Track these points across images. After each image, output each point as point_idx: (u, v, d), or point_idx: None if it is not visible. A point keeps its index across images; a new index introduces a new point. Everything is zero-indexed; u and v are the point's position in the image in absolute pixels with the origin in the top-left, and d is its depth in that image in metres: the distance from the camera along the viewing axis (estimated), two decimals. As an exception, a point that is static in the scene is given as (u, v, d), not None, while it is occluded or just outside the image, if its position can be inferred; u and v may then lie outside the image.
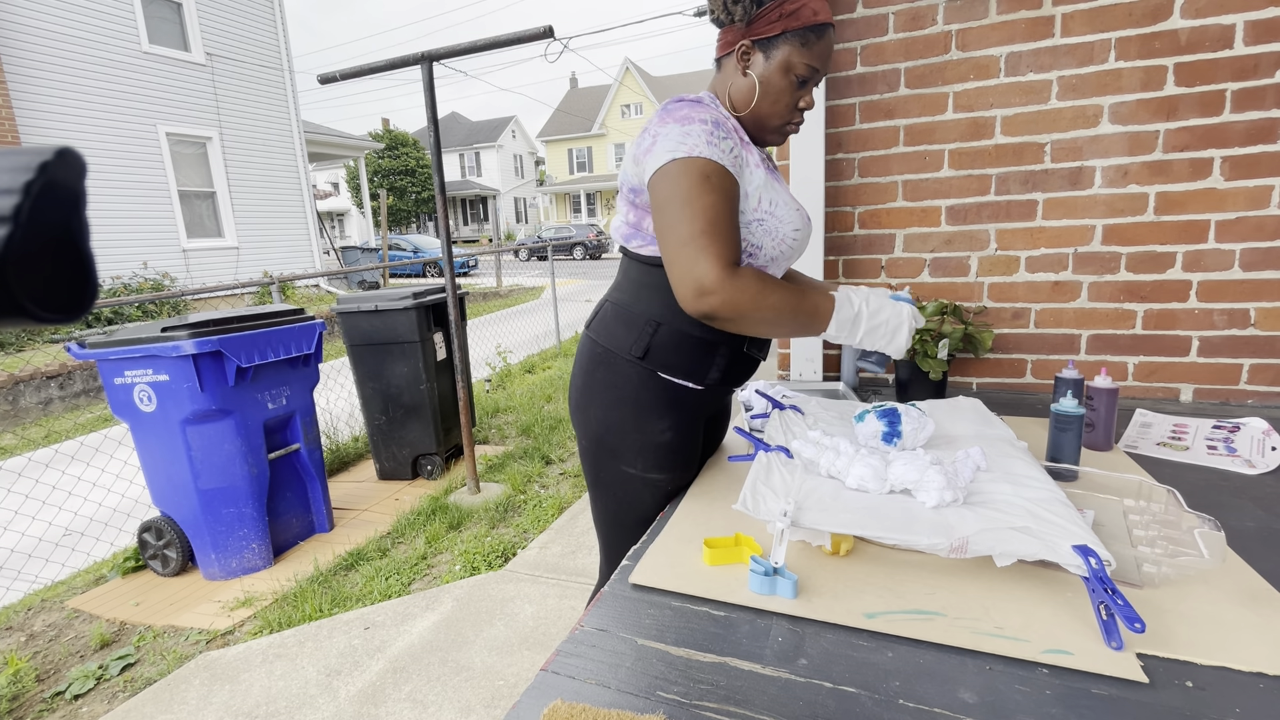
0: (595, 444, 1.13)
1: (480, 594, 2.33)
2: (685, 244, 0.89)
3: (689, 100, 0.99)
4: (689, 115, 0.94)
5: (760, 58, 0.99)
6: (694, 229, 0.89)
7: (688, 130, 0.92)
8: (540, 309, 9.49)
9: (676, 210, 0.90)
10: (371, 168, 28.76)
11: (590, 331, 1.14)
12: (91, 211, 0.27)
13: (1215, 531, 0.78)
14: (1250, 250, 1.54)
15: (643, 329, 1.06)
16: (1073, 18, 1.57)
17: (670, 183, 0.91)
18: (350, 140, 13.71)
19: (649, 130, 0.97)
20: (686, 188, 0.90)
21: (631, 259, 1.08)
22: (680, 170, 0.90)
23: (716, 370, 1.08)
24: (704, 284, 0.88)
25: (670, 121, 0.94)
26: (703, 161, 0.90)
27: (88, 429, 4.97)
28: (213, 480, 2.45)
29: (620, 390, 1.08)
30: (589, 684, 0.67)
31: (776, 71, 0.98)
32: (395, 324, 3.29)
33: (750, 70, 1.00)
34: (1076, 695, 0.62)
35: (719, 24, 1.02)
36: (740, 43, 0.99)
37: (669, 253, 0.92)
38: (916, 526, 0.82)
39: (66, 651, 2.19)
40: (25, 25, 7.66)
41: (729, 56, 1.02)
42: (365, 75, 3.05)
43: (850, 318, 0.96)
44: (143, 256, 8.69)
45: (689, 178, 0.90)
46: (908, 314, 0.99)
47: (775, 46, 0.97)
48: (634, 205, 1.04)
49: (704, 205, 0.89)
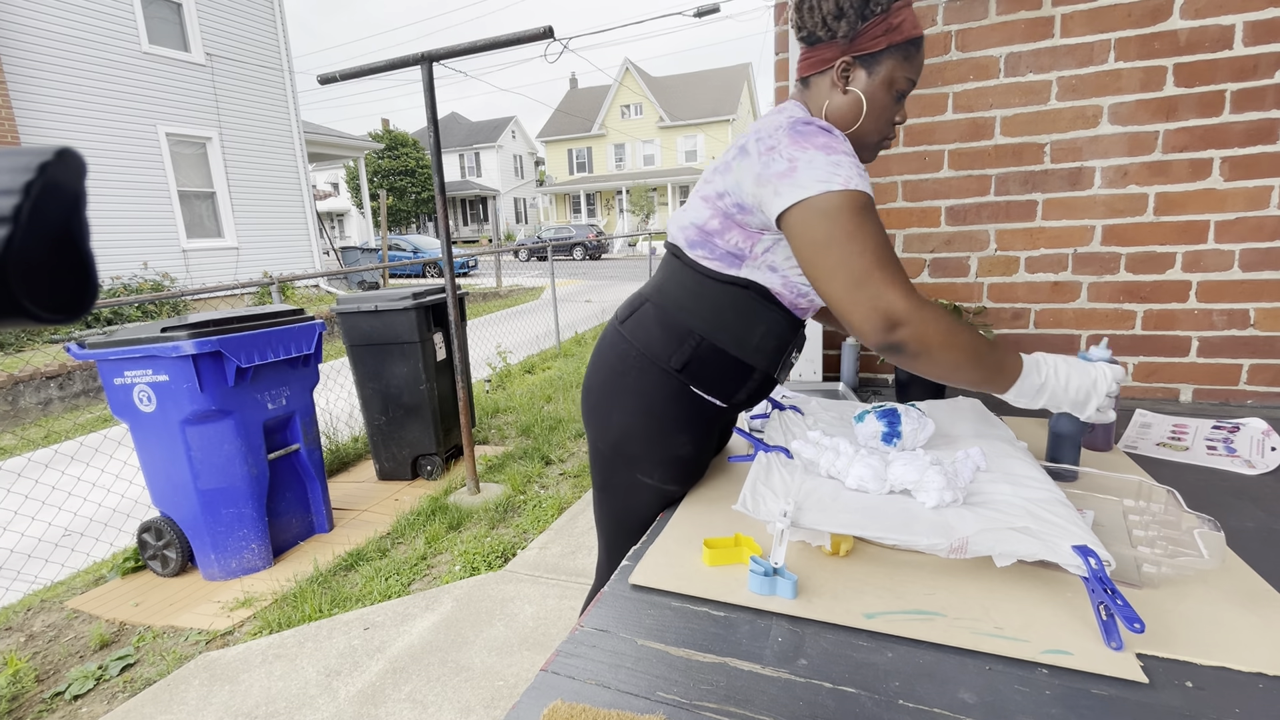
0: (612, 449, 1.11)
1: (480, 594, 2.33)
2: (864, 279, 0.84)
3: (821, 126, 0.93)
4: (830, 145, 0.89)
5: (863, 74, 0.96)
6: (869, 263, 0.84)
7: (836, 161, 0.87)
8: (540, 309, 9.49)
9: (843, 247, 0.85)
10: (371, 168, 28.76)
11: (624, 329, 1.09)
12: (91, 212, 0.27)
13: (1215, 532, 0.78)
14: (1250, 251, 1.54)
15: (685, 340, 1.02)
16: (1072, 18, 1.57)
17: (828, 219, 0.86)
18: (350, 140, 13.71)
19: (778, 151, 0.89)
20: (853, 223, 0.85)
21: (687, 266, 1.04)
22: (841, 205, 0.85)
23: (745, 392, 1.07)
24: (895, 314, 0.83)
25: (810, 148, 0.88)
26: (859, 194, 0.86)
27: (87, 429, 4.97)
28: (212, 480, 2.45)
29: (649, 399, 1.05)
30: (589, 684, 0.67)
31: (880, 87, 0.96)
32: (395, 324, 3.29)
33: (852, 87, 0.97)
34: (1076, 695, 0.62)
35: (811, 41, 0.98)
36: (840, 59, 0.96)
37: (842, 291, 0.86)
38: (916, 527, 0.82)
39: (66, 652, 2.19)
40: (25, 25, 7.66)
41: (822, 74, 0.99)
42: (365, 75, 3.05)
43: (1035, 386, 0.90)
44: (142, 257, 8.70)
45: (852, 213, 0.85)
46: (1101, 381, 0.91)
47: (879, 62, 0.95)
48: (725, 215, 0.98)
49: (875, 240, 0.85)
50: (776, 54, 1.83)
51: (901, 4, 0.94)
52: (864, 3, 0.93)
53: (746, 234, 0.97)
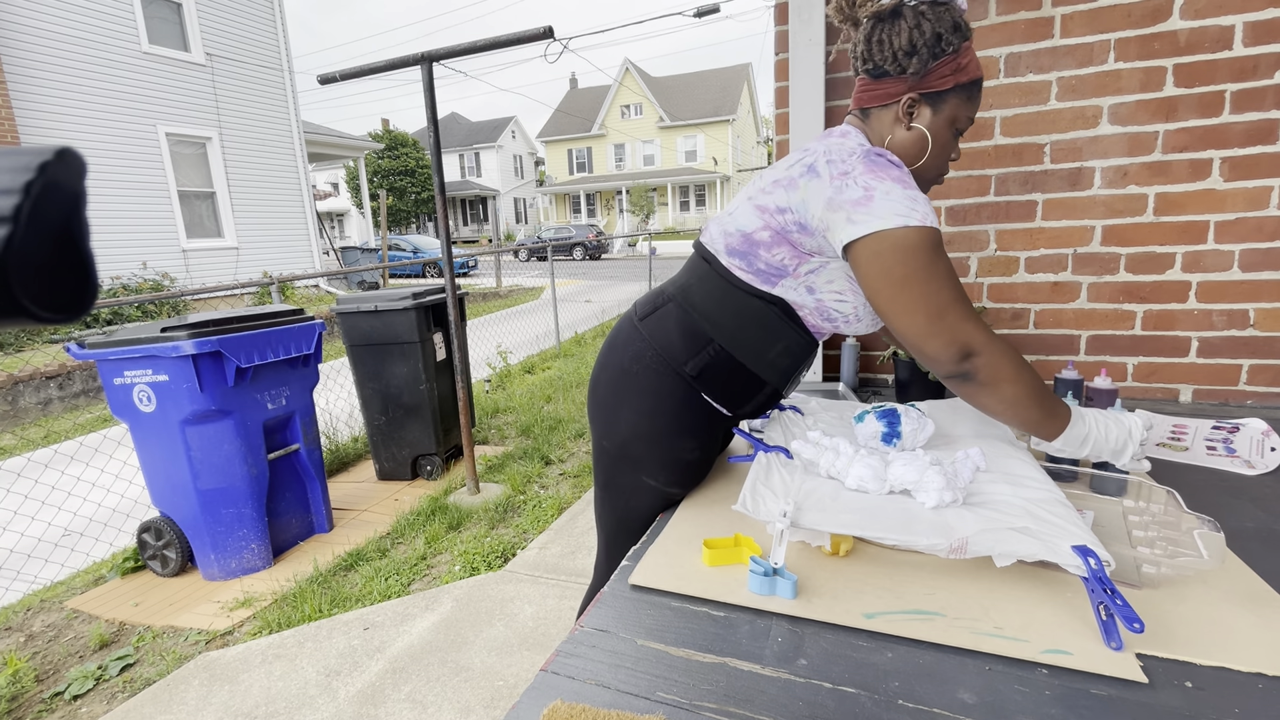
0: (618, 449, 1.11)
1: (480, 594, 2.33)
2: (944, 313, 0.88)
3: (894, 161, 0.94)
4: (905, 179, 0.90)
5: (928, 111, 0.96)
6: (947, 299, 0.88)
7: (914, 197, 0.88)
8: (540, 309, 9.49)
9: (924, 283, 0.88)
10: (371, 168, 28.76)
11: (642, 326, 1.08)
12: (91, 211, 0.27)
13: (1214, 532, 0.78)
14: (1249, 251, 1.54)
15: (704, 347, 1.02)
16: (1072, 19, 1.57)
17: (910, 255, 0.87)
18: (350, 140, 13.71)
19: (852, 177, 0.89)
20: (929, 259, 0.88)
21: (718, 273, 1.03)
22: (921, 242, 0.87)
23: (753, 404, 1.08)
24: (972, 346, 0.88)
25: (887, 179, 0.89)
26: (935, 231, 0.88)
27: (87, 429, 4.97)
28: (212, 480, 2.45)
29: (661, 402, 1.05)
30: (589, 684, 0.67)
31: (944, 126, 0.97)
32: (395, 324, 3.29)
33: (917, 124, 0.97)
34: (1076, 695, 0.62)
35: (876, 74, 0.98)
36: (907, 95, 0.96)
37: (922, 322, 0.89)
38: (916, 527, 0.82)
39: (66, 652, 2.19)
40: (25, 25, 7.66)
41: (885, 108, 0.99)
42: (365, 75, 3.05)
43: (1081, 436, 0.94)
44: (142, 257, 8.70)
45: (930, 249, 0.88)
46: (1136, 431, 0.96)
47: (944, 100, 0.95)
48: (780, 231, 0.96)
49: (951, 277, 0.89)
50: (776, 54, 1.83)
51: (969, 44, 0.95)
52: (936, 40, 0.93)
53: (796, 253, 0.97)
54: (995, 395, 0.90)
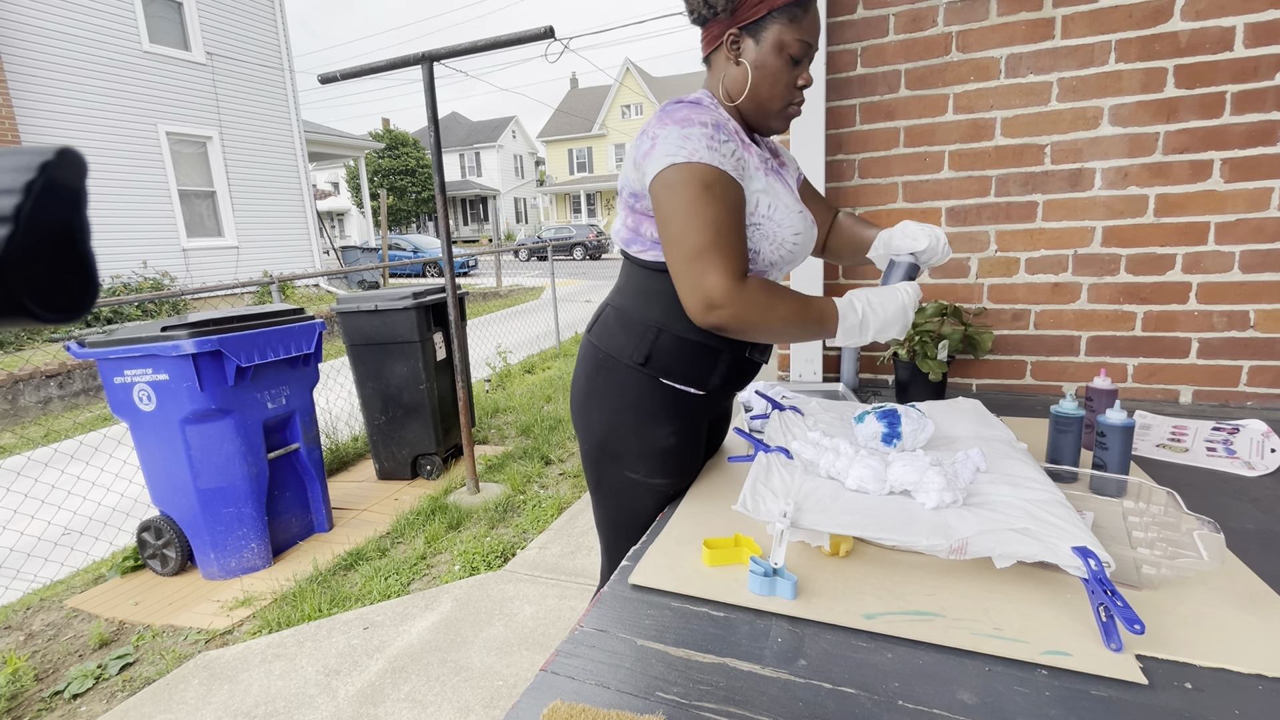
0: (597, 449, 1.13)
1: (479, 594, 2.33)
2: (693, 258, 0.89)
3: (688, 101, 0.97)
4: (688, 117, 0.92)
5: (751, 43, 0.97)
6: (700, 241, 0.88)
7: (687, 134, 0.90)
8: (540, 309, 9.49)
9: (681, 222, 0.89)
10: (371, 167, 28.76)
11: (591, 336, 1.13)
12: (92, 211, 0.27)
13: (1214, 533, 0.78)
14: (1250, 252, 1.54)
15: (644, 335, 1.05)
16: (1073, 20, 1.57)
17: (673, 192, 0.90)
18: (350, 140, 13.71)
19: (647, 132, 0.95)
20: (691, 197, 0.88)
21: (632, 263, 1.07)
22: (683, 178, 0.89)
23: (718, 376, 1.07)
24: (713, 298, 0.88)
25: (669, 123, 0.92)
26: (704, 168, 0.89)
27: (87, 428, 4.97)
28: (212, 480, 2.45)
29: (622, 396, 1.08)
30: (589, 684, 0.67)
31: (770, 53, 0.97)
32: (395, 324, 3.29)
33: (743, 58, 0.98)
34: (1075, 696, 0.62)
35: (701, 22, 1.00)
36: (728, 32, 0.98)
37: (675, 266, 0.91)
38: (916, 528, 0.82)
39: (65, 651, 2.19)
40: (26, 25, 7.66)
41: (717, 50, 1.01)
42: (365, 75, 3.05)
43: (856, 324, 0.96)
44: (142, 256, 8.69)
45: (692, 187, 0.89)
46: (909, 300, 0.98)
47: (764, 28, 0.96)
48: (633, 210, 1.02)
49: (709, 216, 0.88)
50: (777, 54, 1.83)
51: None
52: None
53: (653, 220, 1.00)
54: (754, 337, 0.94)
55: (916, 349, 1.63)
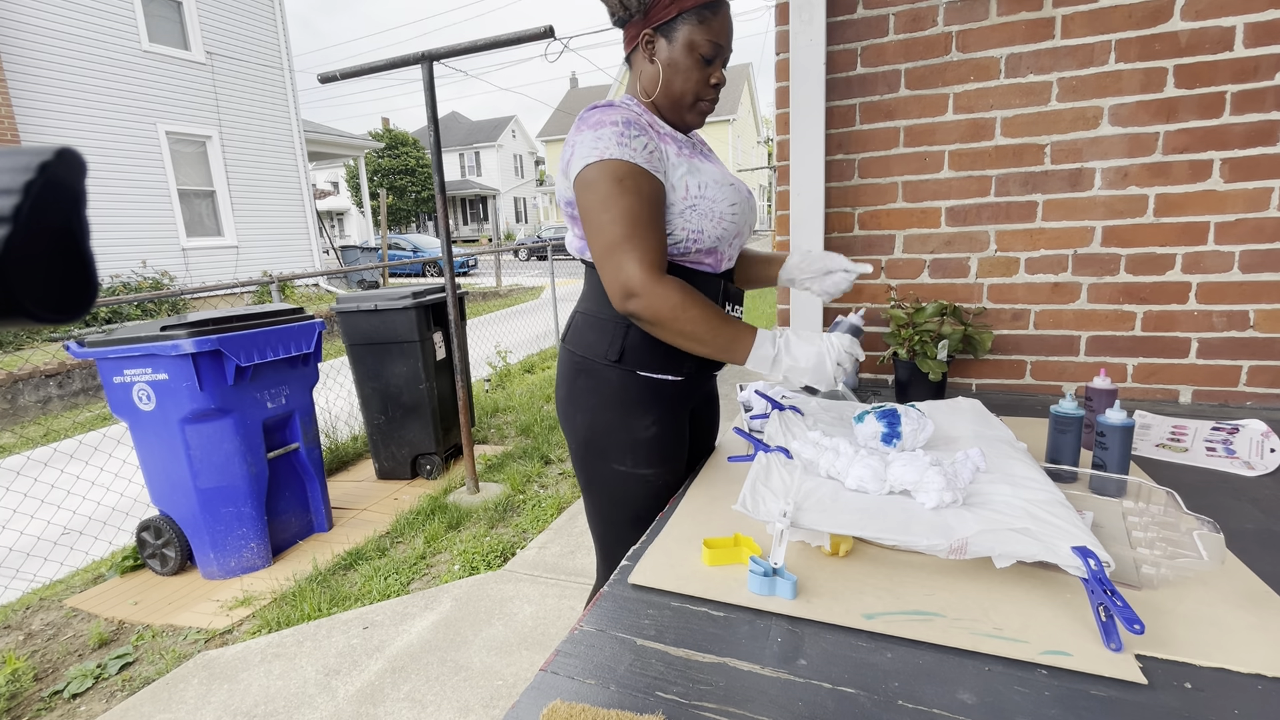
0: (584, 446, 1.15)
1: (479, 594, 2.33)
2: (611, 249, 0.94)
3: (601, 105, 1.02)
4: (600, 120, 0.97)
5: (664, 43, 1.03)
6: (616, 233, 0.93)
7: (599, 135, 0.95)
8: (540, 309, 9.49)
9: (599, 216, 0.94)
10: (371, 167, 28.74)
11: (566, 343, 1.17)
12: (91, 210, 0.27)
13: (1214, 533, 0.78)
14: (1249, 252, 1.54)
15: (614, 332, 1.09)
16: (1073, 19, 1.57)
17: (589, 189, 0.95)
18: (350, 139, 13.70)
19: (569, 141, 1.00)
20: (604, 192, 0.93)
21: (590, 268, 1.12)
22: (596, 175, 0.94)
23: (691, 362, 1.10)
24: (629, 286, 0.93)
25: (584, 129, 0.97)
26: (615, 163, 0.93)
27: (86, 428, 4.97)
28: (212, 479, 2.45)
29: (603, 394, 1.11)
30: (588, 684, 0.67)
31: (681, 52, 1.02)
32: (395, 323, 3.29)
33: (656, 57, 1.04)
34: (1075, 696, 0.62)
35: (621, 23, 1.06)
36: (643, 33, 1.03)
37: (598, 257, 0.96)
38: (916, 527, 0.82)
39: (65, 650, 2.19)
40: (25, 24, 7.65)
41: (636, 50, 1.06)
42: (365, 75, 3.05)
43: (768, 358, 0.98)
44: (142, 255, 8.69)
45: (605, 182, 0.93)
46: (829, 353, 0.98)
47: (675, 29, 1.01)
48: (573, 219, 1.07)
49: (623, 209, 0.93)
50: (777, 54, 1.83)
51: None
52: None
53: None
54: (663, 334, 0.97)
55: (916, 349, 1.63)
